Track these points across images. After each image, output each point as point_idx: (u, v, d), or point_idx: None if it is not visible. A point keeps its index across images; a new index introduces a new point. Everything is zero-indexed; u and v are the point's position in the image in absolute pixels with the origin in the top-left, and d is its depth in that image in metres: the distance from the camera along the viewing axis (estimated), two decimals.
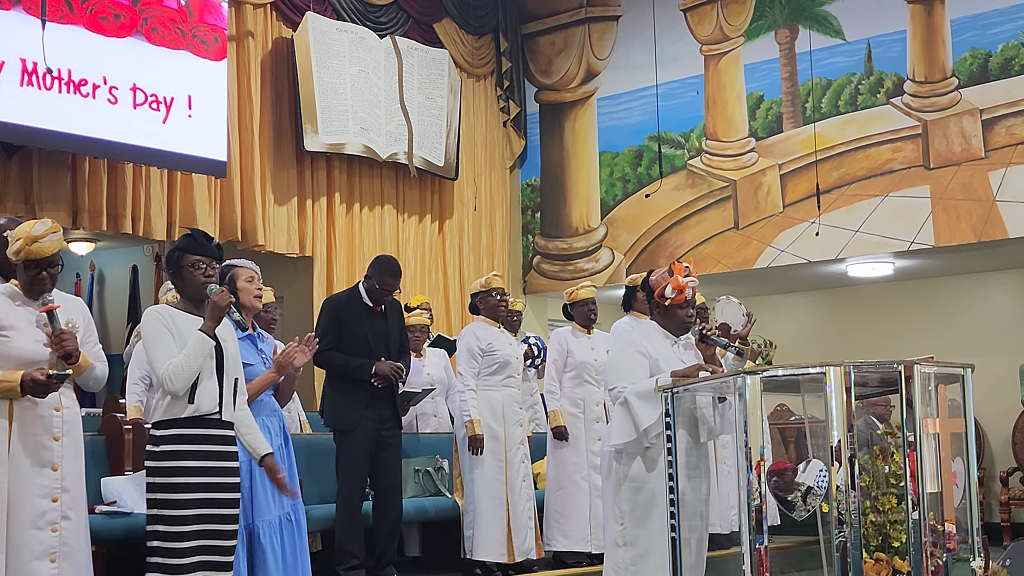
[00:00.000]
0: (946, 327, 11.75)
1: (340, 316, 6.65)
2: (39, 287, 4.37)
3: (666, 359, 5.01)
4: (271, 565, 5.15)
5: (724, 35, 11.78)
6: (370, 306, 6.67)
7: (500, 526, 7.07)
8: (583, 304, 7.75)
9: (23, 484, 4.25)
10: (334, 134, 10.58)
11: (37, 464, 4.28)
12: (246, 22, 10.23)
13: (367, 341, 6.60)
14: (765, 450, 4.43)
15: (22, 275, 4.38)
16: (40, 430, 4.31)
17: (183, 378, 4.50)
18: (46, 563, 4.25)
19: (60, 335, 4.33)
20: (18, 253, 4.33)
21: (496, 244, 12.50)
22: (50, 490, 4.30)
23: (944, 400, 4.59)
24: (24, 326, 4.34)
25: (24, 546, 4.21)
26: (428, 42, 11.77)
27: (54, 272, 4.40)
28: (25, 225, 4.37)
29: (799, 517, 4.51)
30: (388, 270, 6.66)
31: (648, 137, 12.13)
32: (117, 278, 12.46)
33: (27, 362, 4.29)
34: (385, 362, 6.53)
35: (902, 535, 4.46)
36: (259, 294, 5.41)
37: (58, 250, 4.40)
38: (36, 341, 4.35)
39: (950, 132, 10.48)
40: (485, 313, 7.41)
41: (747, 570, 4.36)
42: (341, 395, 6.66)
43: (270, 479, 4.85)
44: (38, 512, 4.26)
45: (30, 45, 8.25)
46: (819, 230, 10.95)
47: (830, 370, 4.36)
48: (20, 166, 8.61)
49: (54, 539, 4.28)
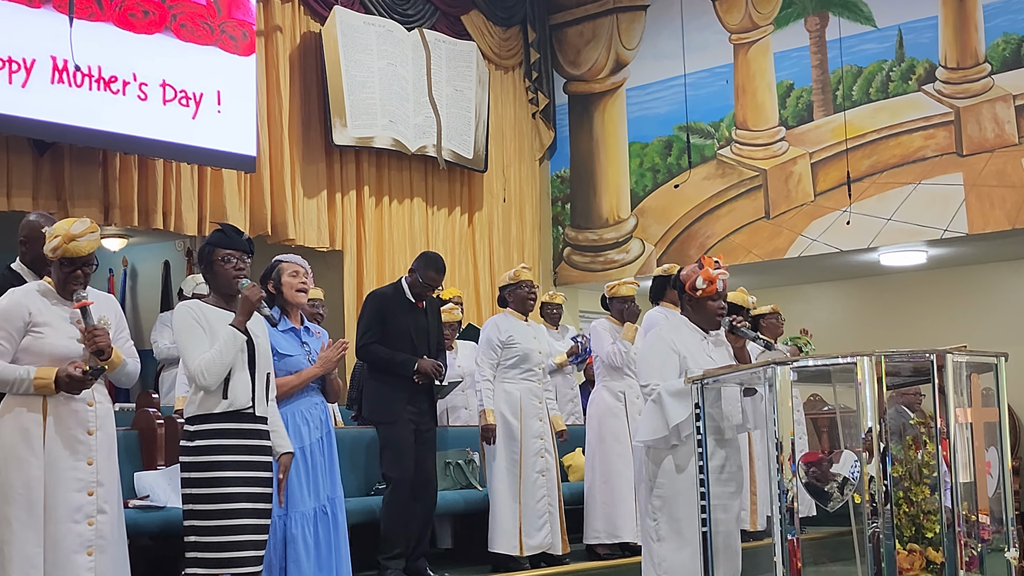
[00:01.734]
0: (980, 315, 11.66)
1: (384, 310, 6.68)
2: (73, 284, 4.40)
3: (694, 355, 5.00)
4: (303, 556, 5.17)
5: (753, 23, 11.72)
6: (412, 302, 6.70)
7: (513, 519, 7.06)
8: (622, 301, 7.71)
9: (59, 478, 4.28)
10: (363, 128, 10.59)
11: (73, 458, 4.32)
12: (274, 17, 10.25)
13: (409, 336, 6.63)
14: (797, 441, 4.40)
15: (57, 272, 4.41)
16: (75, 425, 4.35)
17: (215, 373, 4.52)
18: (84, 556, 4.28)
19: (93, 331, 4.36)
20: (55, 250, 4.35)
21: (526, 236, 12.49)
22: (86, 484, 4.33)
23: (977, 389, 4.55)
24: (58, 323, 4.38)
25: (62, 539, 4.25)
26: (456, 34, 11.77)
27: (89, 271, 4.43)
28: (64, 223, 4.40)
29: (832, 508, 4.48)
30: (433, 265, 6.70)
31: (677, 127, 12.09)
32: (149, 273, 12.52)
33: (61, 358, 4.33)
34: (427, 360, 6.55)
35: (935, 526, 4.43)
36: (302, 288, 5.44)
37: (94, 249, 4.43)
38: (70, 338, 4.38)
39: (983, 118, 10.38)
40: (513, 305, 7.40)
41: (778, 562, 4.34)
42: (383, 387, 6.69)
43: (279, 476, 4.83)
44: (75, 506, 4.29)
45: (60, 43, 8.30)
46: (851, 219, 10.88)
47: (862, 360, 4.33)
48: (52, 163, 8.67)
49: (91, 532, 4.31)
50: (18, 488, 4.22)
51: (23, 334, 4.32)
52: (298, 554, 5.17)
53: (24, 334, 4.32)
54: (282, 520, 5.16)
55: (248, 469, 4.59)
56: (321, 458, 5.35)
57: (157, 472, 6.23)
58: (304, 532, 5.20)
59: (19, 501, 4.22)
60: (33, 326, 4.33)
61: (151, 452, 6.38)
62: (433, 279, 6.66)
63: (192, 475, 4.56)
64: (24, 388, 4.27)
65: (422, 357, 6.58)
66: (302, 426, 5.28)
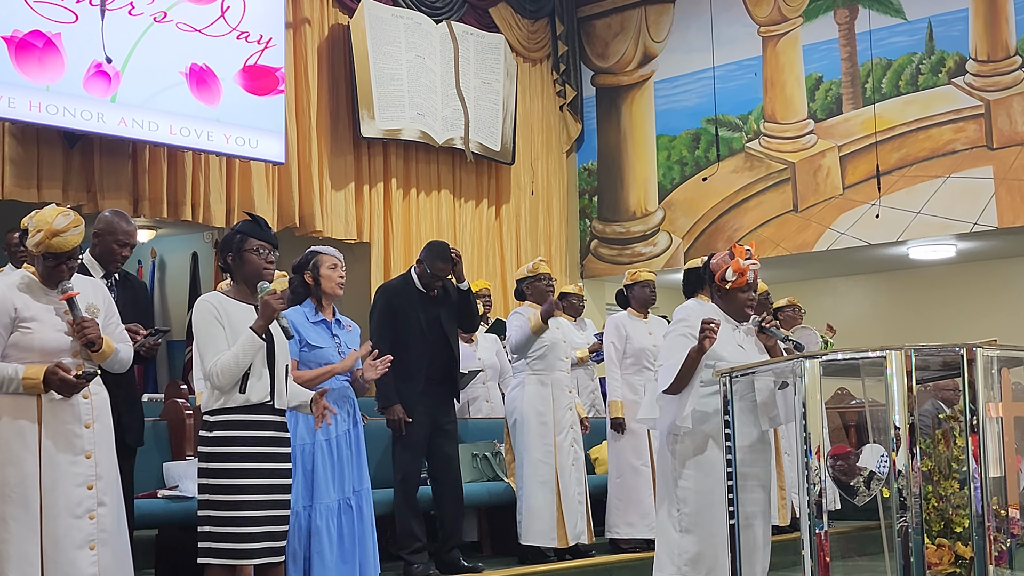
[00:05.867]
0: (1010, 309, 11.58)
1: (393, 303, 6.66)
2: (56, 278, 4.29)
3: (724, 345, 4.95)
4: (326, 548, 5.19)
5: (782, 16, 11.67)
6: (423, 292, 6.68)
7: (550, 511, 7.05)
8: (644, 285, 7.63)
9: (58, 474, 4.20)
10: (391, 120, 10.61)
11: (70, 453, 4.24)
12: (303, 9, 10.28)
13: (420, 329, 6.61)
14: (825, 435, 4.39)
15: (40, 265, 4.29)
16: (71, 419, 4.26)
17: (230, 375, 4.48)
18: (86, 552, 4.22)
19: (81, 323, 4.26)
20: (38, 245, 4.24)
21: (553, 228, 12.49)
22: (85, 478, 4.26)
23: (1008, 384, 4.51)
24: (45, 316, 4.27)
25: (64, 536, 4.18)
26: (484, 27, 11.77)
27: (73, 264, 4.32)
28: (47, 215, 4.26)
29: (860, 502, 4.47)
30: (440, 255, 6.64)
31: (705, 120, 12.06)
32: (178, 265, 12.59)
33: (51, 352, 4.23)
34: (399, 411, 6.49)
35: (964, 520, 4.41)
36: (341, 282, 5.47)
37: (79, 243, 4.31)
38: (58, 331, 4.27)
39: (1013, 111, 10.31)
40: (532, 299, 7.38)
41: (807, 555, 4.32)
42: (396, 382, 6.68)
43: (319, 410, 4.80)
44: (75, 501, 4.22)
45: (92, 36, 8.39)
46: (879, 212, 10.83)
47: (890, 354, 4.30)
48: (82, 155, 8.72)
49: (92, 527, 4.25)
50: (14, 486, 4.14)
51: (10, 330, 4.21)
52: (322, 546, 5.19)
53: (11, 330, 4.21)
54: (307, 511, 5.18)
55: (265, 461, 4.56)
56: (348, 451, 5.36)
57: (186, 462, 6.25)
58: (328, 524, 5.22)
59: (15, 499, 4.13)
60: (20, 322, 4.22)
61: (180, 442, 6.40)
62: (441, 269, 6.62)
63: (209, 466, 4.54)
64: (13, 388, 4.16)
65: (398, 404, 6.48)
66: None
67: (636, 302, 7.67)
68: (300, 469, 5.20)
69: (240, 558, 4.49)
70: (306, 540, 5.20)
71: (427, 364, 6.60)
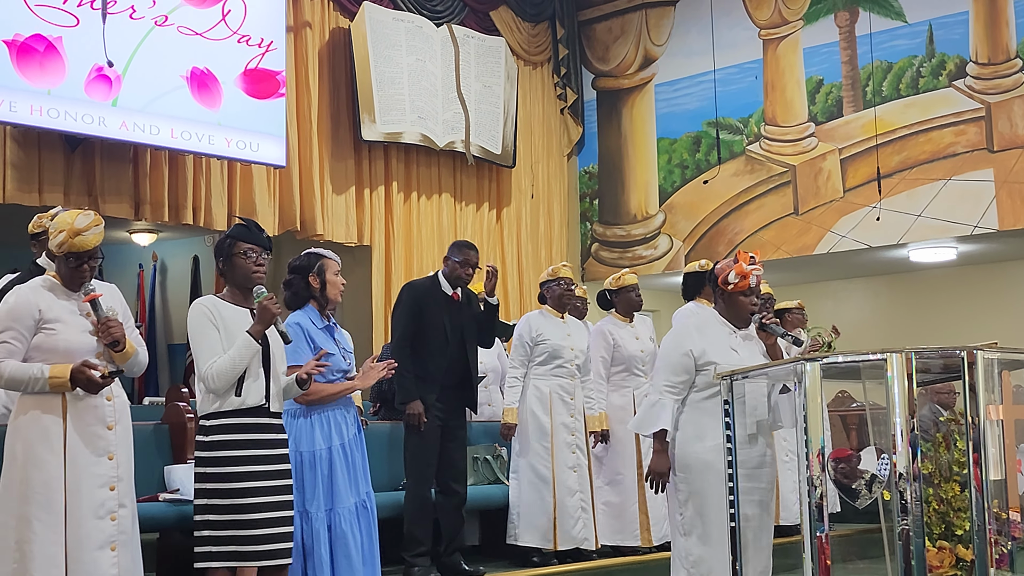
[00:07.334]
0: (1010, 312, 11.58)
1: (420, 302, 6.67)
2: (79, 279, 4.35)
3: (717, 347, 4.98)
4: (353, 551, 5.21)
5: (783, 19, 11.68)
6: (448, 295, 6.71)
7: (545, 512, 7.05)
8: (630, 290, 7.64)
9: (81, 476, 4.24)
10: (391, 123, 10.61)
11: (94, 454, 4.28)
12: (303, 13, 10.28)
13: (444, 331, 6.63)
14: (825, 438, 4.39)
15: (62, 267, 4.35)
16: (94, 421, 4.31)
17: (226, 379, 4.52)
18: (107, 552, 4.26)
19: (107, 323, 4.32)
20: (60, 246, 4.29)
21: (554, 232, 12.49)
22: (107, 479, 4.30)
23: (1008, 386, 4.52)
24: (69, 317, 4.32)
25: (87, 536, 4.22)
26: (484, 30, 11.77)
27: (95, 264, 4.37)
28: (67, 216, 4.32)
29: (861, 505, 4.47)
30: (467, 244, 6.77)
31: (706, 123, 12.06)
32: (179, 268, 12.60)
33: (75, 353, 4.27)
34: (419, 406, 6.51)
35: (965, 523, 4.41)
36: (343, 289, 5.49)
37: (100, 243, 4.36)
38: (82, 332, 4.33)
39: (1014, 114, 10.32)
40: (550, 302, 7.40)
41: (807, 558, 4.33)
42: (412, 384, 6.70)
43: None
44: (98, 502, 4.27)
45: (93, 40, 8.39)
46: (880, 215, 10.83)
47: (891, 356, 4.31)
48: (83, 159, 8.73)
49: (113, 528, 4.29)
50: (38, 488, 4.18)
51: (34, 332, 4.26)
52: (348, 549, 5.22)
53: (35, 332, 4.26)
54: (328, 515, 5.20)
55: (263, 463, 4.59)
56: (358, 453, 5.39)
57: (187, 465, 6.24)
58: (352, 527, 5.24)
59: (39, 501, 4.17)
60: (44, 323, 4.27)
61: (181, 446, 6.40)
62: (470, 256, 6.68)
63: (205, 470, 4.58)
64: (39, 387, 4.21)
65: (418, 400, 6.52)
66: (341, 424, 5.32)
67: (622, 308, 7.65)
68: (319, 475, 5.23)
69: (242, 560, 4.50)
70: (329, 544, 5.21)
71: (445, 368, 6.63)
